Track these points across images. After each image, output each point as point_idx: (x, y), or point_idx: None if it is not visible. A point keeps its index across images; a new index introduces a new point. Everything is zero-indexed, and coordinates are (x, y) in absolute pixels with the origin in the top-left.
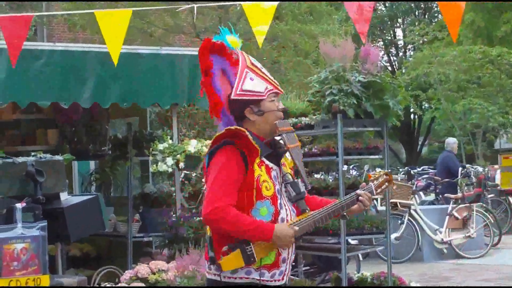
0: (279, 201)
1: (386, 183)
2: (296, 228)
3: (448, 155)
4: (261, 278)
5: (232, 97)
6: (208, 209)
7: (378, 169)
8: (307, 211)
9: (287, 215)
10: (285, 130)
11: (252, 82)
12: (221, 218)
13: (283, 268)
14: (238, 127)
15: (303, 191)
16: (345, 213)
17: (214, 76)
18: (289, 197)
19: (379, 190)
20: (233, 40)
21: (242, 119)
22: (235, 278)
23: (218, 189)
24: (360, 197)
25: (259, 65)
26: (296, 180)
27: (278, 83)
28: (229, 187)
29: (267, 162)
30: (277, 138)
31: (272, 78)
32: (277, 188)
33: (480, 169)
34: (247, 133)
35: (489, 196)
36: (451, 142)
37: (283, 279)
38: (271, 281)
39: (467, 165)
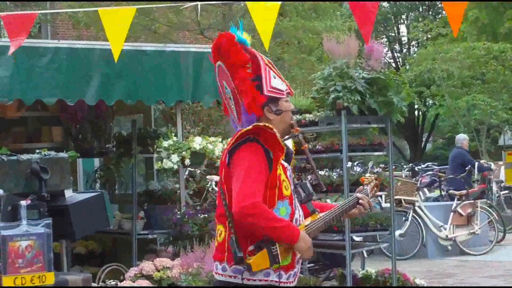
0: (294, 201)
1: (375, 188)
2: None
3: (460, 151)
4: (280, 280)
5: (265, 93)
6: (244, 203)
7: (367, 174)
8: (316, 212)
9: (299, 216)
10: (299, 131)
11: (275, 80)
12: (258, 214)
13: (296, 269)
14: (267, 124)
15: (312, 192)
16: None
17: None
18: (299, 198)
19: (371, 195)
20: (247, 37)
21: (260, 117)
22: (255, 280)
23: (251, 185)
24: (360, 201)
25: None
26: (305, 181)
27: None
28: (259, 184)
29: (282, 161)
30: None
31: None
32: (292, 188)
33: (493, 165)
34: (275, 130)
35: (502, 193)
36: (461, 138)
37: (295, 280)
38: (288, 282)
39: (482, 161)
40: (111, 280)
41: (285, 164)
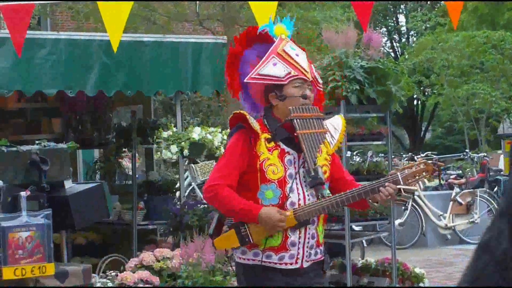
0: (289, 185)
1: (424, 173)
2: (287, 213)
3: None
4: (269, 260)
5: (245, 80)
6: (205, 187)
7: (418, 157)
8: (319, 197)
9: (299, 200)
10: (297, 116)
11: (274, 67)
12: (213, 196)
13: (294, 252)
14: (241, 111)
15: (319, 177)
16: (369, 200)
17: (246, 62)
18: (306, 182)
19: (412, 180)
20: (279, 28)
21: (269, 103)
22: (244, 259)
23: (218, 170)
24: (384, 187)
25: (293, 52)
26: (315, 166)
27: (308, 71)
28: (228, 169)
29: (283, 146)
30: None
31: (303, 65)
32: (288, 172)
33: (482, 154)
34: (248, 116)
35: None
36: None
37: (296, 262)
38: (280, 263)
39: (468, 151)
40: (111, 271)
41: (286, 149)
